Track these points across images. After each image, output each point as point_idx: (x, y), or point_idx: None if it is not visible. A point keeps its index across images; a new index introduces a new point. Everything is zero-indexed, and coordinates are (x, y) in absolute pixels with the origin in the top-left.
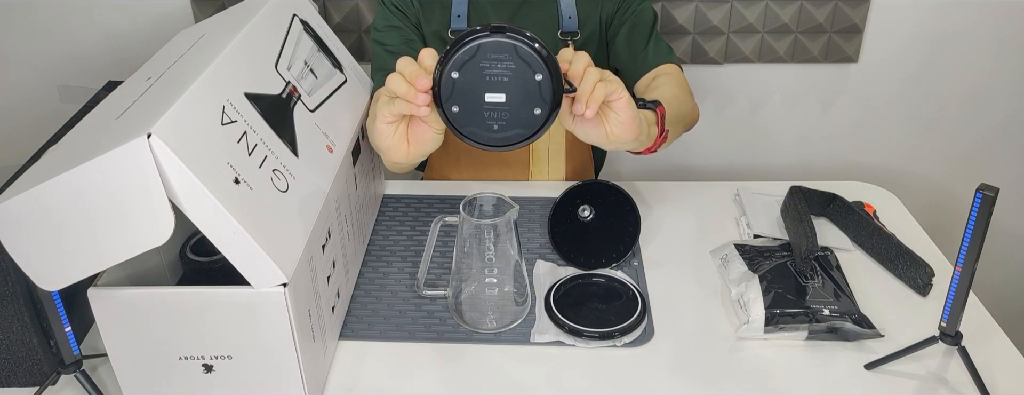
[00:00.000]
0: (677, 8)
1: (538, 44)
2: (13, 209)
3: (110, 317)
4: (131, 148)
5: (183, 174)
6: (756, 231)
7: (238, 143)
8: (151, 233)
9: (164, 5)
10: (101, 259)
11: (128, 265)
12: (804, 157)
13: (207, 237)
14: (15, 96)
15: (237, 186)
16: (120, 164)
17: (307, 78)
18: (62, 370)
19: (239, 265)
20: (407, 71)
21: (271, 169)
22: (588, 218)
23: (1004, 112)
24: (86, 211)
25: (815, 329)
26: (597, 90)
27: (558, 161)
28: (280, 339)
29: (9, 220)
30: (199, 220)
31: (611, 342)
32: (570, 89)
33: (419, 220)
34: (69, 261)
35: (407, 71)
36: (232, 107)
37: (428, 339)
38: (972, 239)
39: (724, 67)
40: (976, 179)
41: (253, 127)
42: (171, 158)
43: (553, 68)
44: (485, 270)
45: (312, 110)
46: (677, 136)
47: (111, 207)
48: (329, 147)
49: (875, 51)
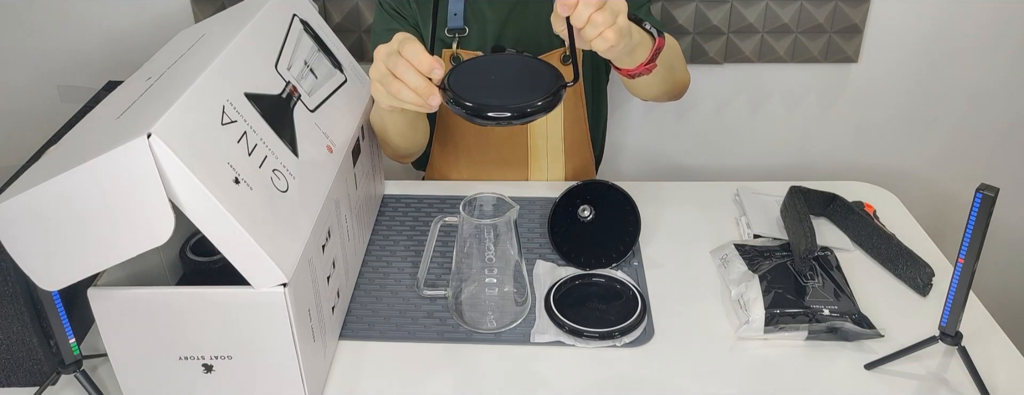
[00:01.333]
0: (677, 8)
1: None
2: (13, 209)
3: (110, 317)
4: (131, 148)
5: (183, 174)
6: (756, 231)
7: (238, 143)
8: (151, 233)
9: (164, 5)
10: (101, 259)
11: (128, 265)
12: (804, 157)
13: (207, 237)
14: (15, 96)
15: (237, 186)
16: (120, 164)
17: (307, 78)
18: (62, 370)
19: (239, 265)
20: (416, 63)
21: (271, 169)
22: (588, 218)
23: (1004, 112)
24: (86, 211)
25: (815, 329)
26: (587, 30)
27: (557, 161)
28: (280, 339)
29: (9, 220)
30: (199, 220)
31: (611, 342)
32: (573, 82)
33: (419, 220)
34: (69, 261)
35: (416, 63)
36: (232, 107)
37: (428, 339)
38: (972, 239)
39: (724, 67)
40: (976, 179)
41: (253, 127)
42: (171, 158)
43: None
44: (485, 270)
45: (312, 110)
46: (663, 84)
47: (111, 207)
48: (329, 147)
49: (875, 51)
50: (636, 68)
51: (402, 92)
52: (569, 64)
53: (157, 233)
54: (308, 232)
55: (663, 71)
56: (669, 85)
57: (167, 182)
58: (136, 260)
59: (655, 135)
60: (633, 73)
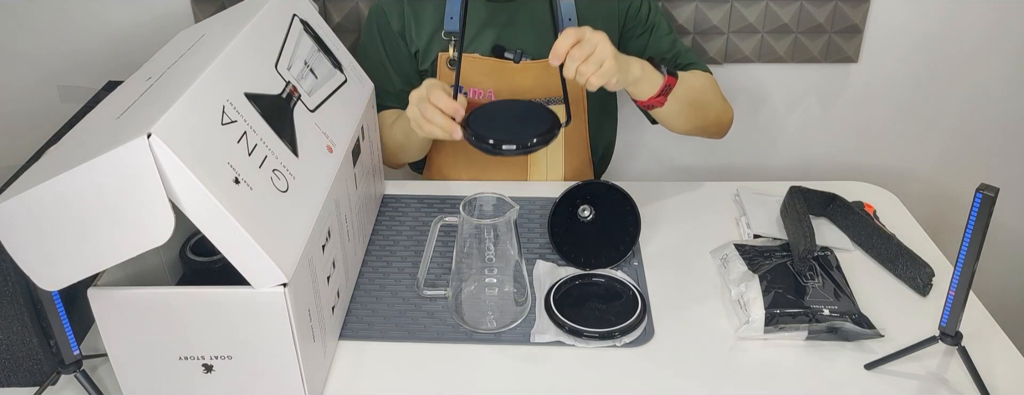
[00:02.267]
0: (677, 8)
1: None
2: (13, 209)
3: (110, 317)
4: (131, 148)
5: (183, 174)
6: (756, 231)
7: (238, 143)
8: (151, 233)
9: (164, 5)
10: (101, 259)
11: (128, 265)
12: (804, 157)
13: (207, 237)
14: (15, 96)
15: (237, 186)
16: (120, 164)
17: (307, 78)
18: (62, 370)
19: (239, 265)
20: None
21: (271, 169)
22: (588, 218)
23: (1004, 112)
24: (86, 211)
25: (815, 329)
26: (575, 78)
27: (557, 162)
28: (280, 339)
29: (9, 220)
30: (199, 220)
31: (611, 342)
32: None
33: (419, 220)
34: (69, 261)
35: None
36: (232, 107)
37: (428, 339)
38: (972, 239)
39: (724, 67)
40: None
41: (253, 127)
42: (171, 158)
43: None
44: (485, 270)
45: (312, 110)
46: (686, 121)
47: (110, 207)
48: (329, 147)
49: (875, 51)
50: (646, 100)
51: (433, 131)
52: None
53: (157, 233)
54: (308, 232)
55: (683, 107)
56: (699, 121)
57: (167, 182)
58: (136, 260)
59: (656, 135)
60: (642, 104)
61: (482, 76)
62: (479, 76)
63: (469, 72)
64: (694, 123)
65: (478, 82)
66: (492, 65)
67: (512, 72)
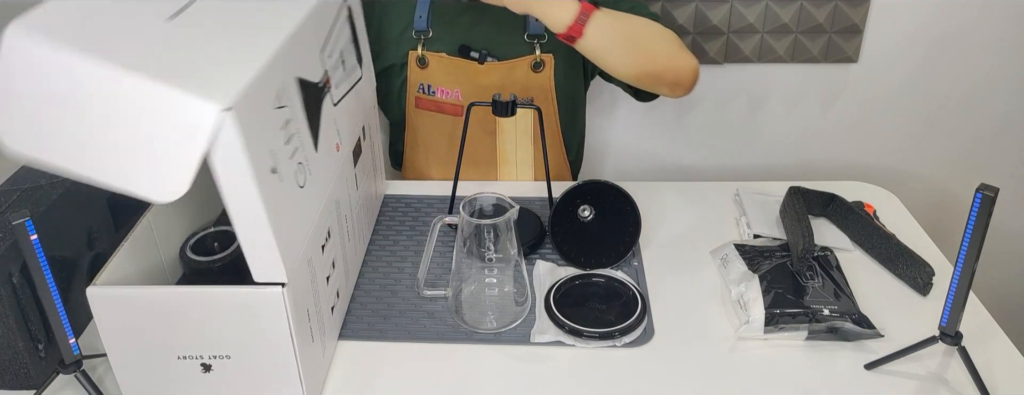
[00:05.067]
0: (677, 8)
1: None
2: (33, 22)
3: (109, 316)
4: (201, 109)
5: (237, 156)
6: (756, 231)
7: (280, 129)
8: (154, 185)
9: None
10: (82, 164)
11: (128, 265)
12: (804, 157)
13: (231, 218)
14: None
15: (272, 176)
16: (181, 109)
17: (338, 69)
18: (62, 370)
19: (249, 253)
20: None
21: (297, 162)
22: (588, 218)
23: (1004, 112)
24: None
25: (815, 329)
26: None
27: (526, 165)
28: (278, 339)
29: (16, 42)
30: (231, 201)
31: (611, 342)
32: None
33: (419, 220)
34: (45, 139)
35: None
36: (285, 91)
37: (428, 339)
38: (972, 239)
39: (724, 67)
40: (976, 179)
41: (296, 115)
42: (236, 138)
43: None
44: (485, 270)
45: (335, 104)
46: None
47: (135, 131)
48: (337, 145)
49: (875, 51)
50: (565, 31)
51: None
52: (540, 71)
53: (163, 188)
54: (309, 232)
55: (615, 43)
56: (645, 64)
57: (216, 155)
58: (136, 260)
59: (656, 135)
60: (562, 37)
61: (448, 76)
62: (445, 76)
63: (436, 71)
64: (640, 66)
65: (444, 82)
66: (458, 65)
67: (477, 72)
